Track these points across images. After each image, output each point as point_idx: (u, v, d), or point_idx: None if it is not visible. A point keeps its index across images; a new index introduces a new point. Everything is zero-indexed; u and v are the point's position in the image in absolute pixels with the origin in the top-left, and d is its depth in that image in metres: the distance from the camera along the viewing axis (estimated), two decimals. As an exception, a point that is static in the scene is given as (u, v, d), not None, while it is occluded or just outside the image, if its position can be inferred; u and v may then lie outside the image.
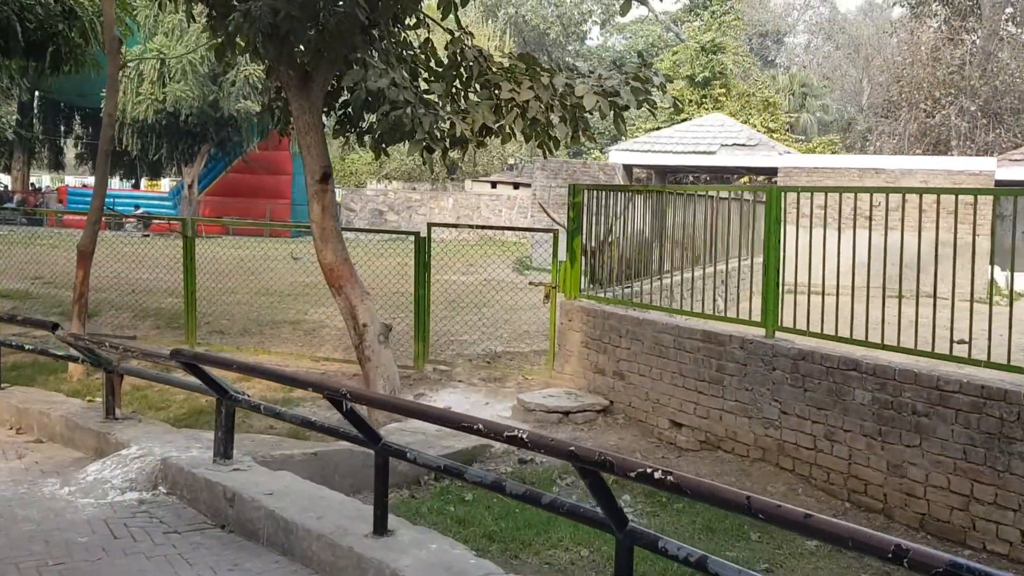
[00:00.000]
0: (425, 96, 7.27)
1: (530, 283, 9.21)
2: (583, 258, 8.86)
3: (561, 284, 8.91)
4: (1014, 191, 6.10)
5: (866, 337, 6.44)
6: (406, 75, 7.04)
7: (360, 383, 9.53)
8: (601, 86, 6.83)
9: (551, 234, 9.18)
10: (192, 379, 5.78)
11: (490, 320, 12.24)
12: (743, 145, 21.65)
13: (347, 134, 8.26)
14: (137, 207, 34.71)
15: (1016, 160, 21.60)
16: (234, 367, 4.92)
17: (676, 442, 7.58)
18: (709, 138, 21.91)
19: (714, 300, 12.92)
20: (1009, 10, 27.63)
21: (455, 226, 9.70)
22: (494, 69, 7.24)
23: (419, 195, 35.78)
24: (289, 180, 38.32)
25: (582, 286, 8.91)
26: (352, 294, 7.81)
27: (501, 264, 19.86)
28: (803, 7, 67.72)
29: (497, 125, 6.91)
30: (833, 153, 31.41)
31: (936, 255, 6.19)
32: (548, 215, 10.15)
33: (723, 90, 33.19)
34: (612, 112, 7.01)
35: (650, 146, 22.08)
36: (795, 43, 67.95)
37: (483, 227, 9.38)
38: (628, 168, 22.63)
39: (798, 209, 8.35)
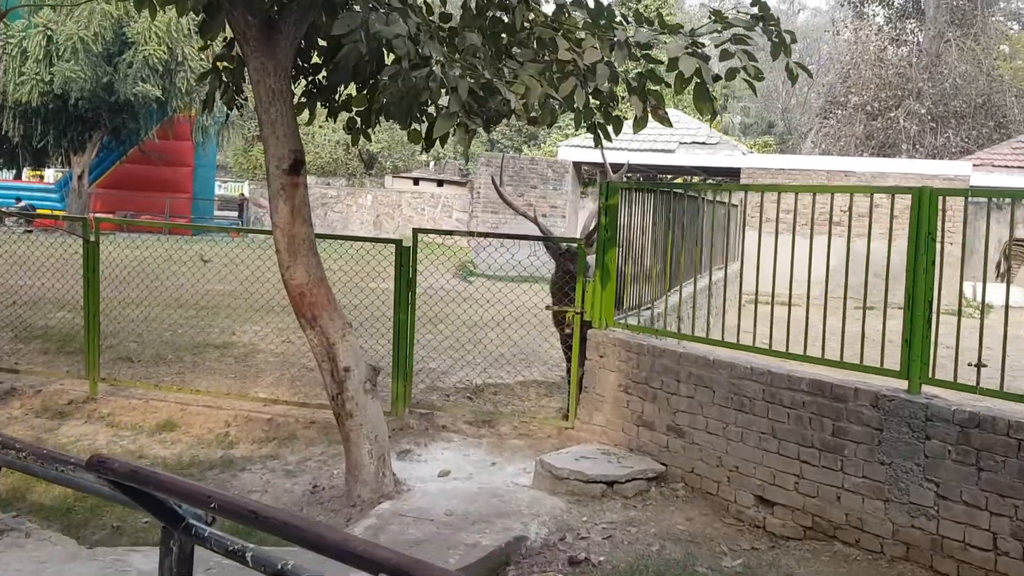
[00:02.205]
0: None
1: (547, 308, 7.21)
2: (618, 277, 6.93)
3: (588, 309, 6.96)
4: None
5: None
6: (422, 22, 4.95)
7: (320, 433, 7.40)
8: (695, 44, 4.92)
9: (568, 243, 7.22)
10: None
11: (452, 340, 10.21)
12: (703, 144, 20.09)
13: (322, 106, 6.15)
14: (19, 200, 31.25)
15: (979, 165, 20.69)
16: (215, 505, 2.72)
17: (766, 526, 5.72)
18: (666, 135, 20.24)
19: (708, 319, 11.21)
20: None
21: (449, 233, 7.61)
22: (540, 20, 5.25)
23: (335, 191, 33.26)
24: (190, 172, 35.29)
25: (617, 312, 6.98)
26: (330, 327, 5.71)
27: (441, 270, 17.80)
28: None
29: (557, 96, 4.91)
30: (768, 154, 30.32)
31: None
32: (512, 206, 8.09)
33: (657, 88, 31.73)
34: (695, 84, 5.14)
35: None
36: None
37: (485, 235, 7.14)
38: (577, 165, 20.85)
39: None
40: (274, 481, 6.37)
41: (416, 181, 33.57)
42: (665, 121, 5.42)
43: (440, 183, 33.33)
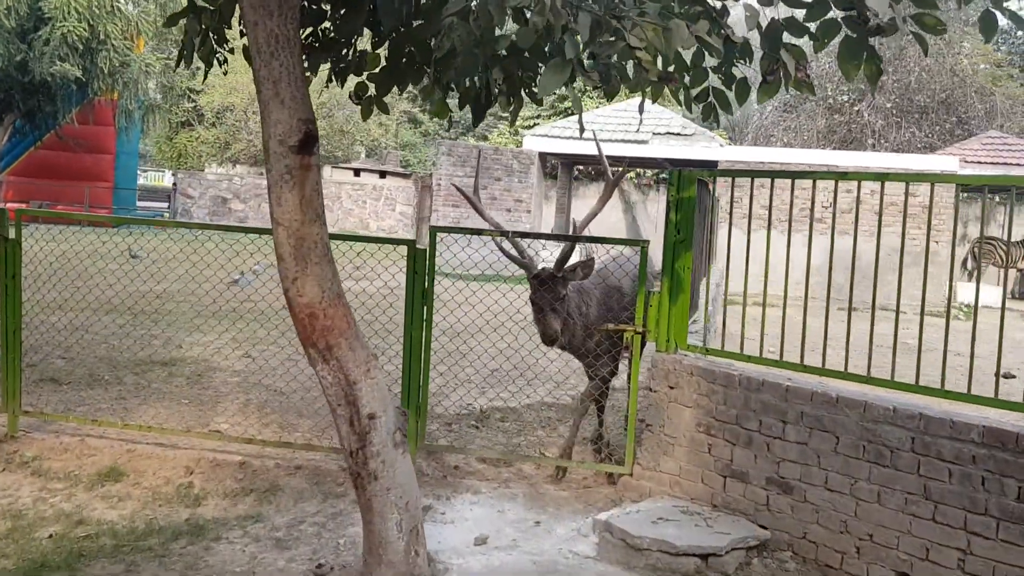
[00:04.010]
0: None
1: (608, 329, 5.81)
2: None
3: (653, 328, 5.59)
4: None
5: None
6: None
7: (309, 483, 5.90)
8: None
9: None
10: None
11: (434, 352, 8.72)
12: (678, 134, 18.92)
13: (330, 64, 4.68)
14: (-81, 188, 28.60)
15: (970, 160, 20.06)
16: None
17: (915, 612, 4.45)
18: (637, 125, 19.02)
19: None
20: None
21: (477, 232, 6.10)
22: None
23: (269, 182, 31.19)
24: (111, 160, 32.89)
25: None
26: (350, 361, 4.24)
27: (397, 267, 16.24)
28: None
29: (715, 43, 3.52)
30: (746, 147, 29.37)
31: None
32: (484, 215, 6.63)
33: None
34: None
35: (572, 132, 18.99)
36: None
37: (524, 235, 5.61)
38: (543, 156, 19.49)
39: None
40: (262, 556, 4.86)
41: (357, 172, 31.77)
42: (807, 87, 4.09)
43: (383, 175, 31.60)
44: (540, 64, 4.96)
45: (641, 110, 4.44)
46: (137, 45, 28.95)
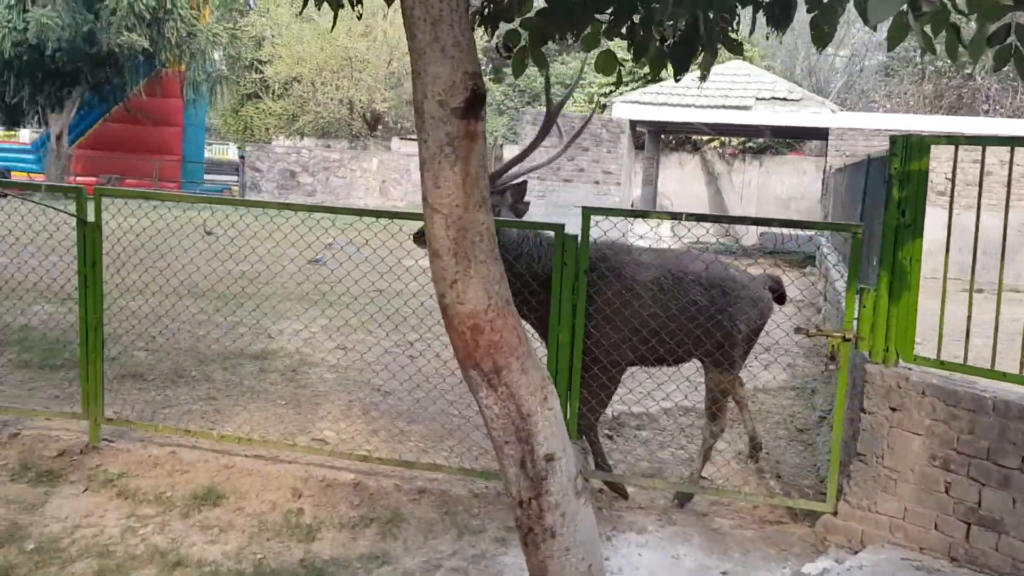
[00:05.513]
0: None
1: (808, 334, 4.76)
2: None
3: (868, 335, 4.52)
4: None
5: None
6: None
7: (437, 512, 4.98)
8: None
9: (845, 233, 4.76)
10: None
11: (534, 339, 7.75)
12: (784, 99, 17.57)
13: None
14: (-9, 162, 28.52)
15: None
16: None
17: None
18: (739, 90, 17.74)
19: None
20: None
21: (638, 214, 5.06)
22: None
23: (338, 154, 30.47)
24: (179, 133, 32.55)
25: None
26: (522, 386, 3.26)
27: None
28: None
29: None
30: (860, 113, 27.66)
31: None
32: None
33: None
34: None
35: (665, 99, 17.77)
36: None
37: (698, 217, 4.67)
38: (633, 124, 18.29)
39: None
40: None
41: (427, 143, 30.84)
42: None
43: (453, 145, 30.62)
44: (736, 4, 3.97)
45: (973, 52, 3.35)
46: (203, 15, 28.38)
